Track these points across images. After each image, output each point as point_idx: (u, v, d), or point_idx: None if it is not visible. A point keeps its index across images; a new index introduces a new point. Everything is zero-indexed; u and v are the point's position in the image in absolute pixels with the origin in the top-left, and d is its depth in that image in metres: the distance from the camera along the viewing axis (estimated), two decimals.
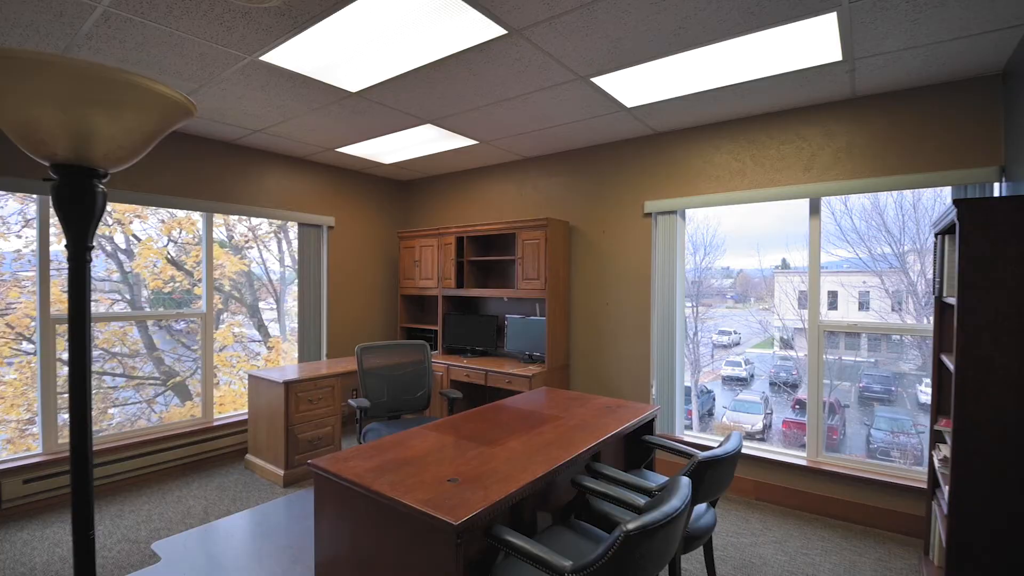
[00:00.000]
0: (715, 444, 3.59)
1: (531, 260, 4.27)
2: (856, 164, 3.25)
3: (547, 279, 4.16)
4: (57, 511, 3.36)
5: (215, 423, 4.34)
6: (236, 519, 3.27)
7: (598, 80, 2.94)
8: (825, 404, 6.71)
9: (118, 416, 4.71)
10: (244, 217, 5.60)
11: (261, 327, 6.25)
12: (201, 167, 4.21)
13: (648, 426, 2.92)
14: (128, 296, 5.12)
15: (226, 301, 5.98)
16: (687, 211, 3.94)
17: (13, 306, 4.09)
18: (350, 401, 3.17)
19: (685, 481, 1.76)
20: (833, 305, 6.81)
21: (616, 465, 2.89)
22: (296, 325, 5.01)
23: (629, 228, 4.13)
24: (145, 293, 5.14)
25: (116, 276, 5.15)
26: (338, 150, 4.54)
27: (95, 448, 3.66)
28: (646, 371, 4.03)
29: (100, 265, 5.11)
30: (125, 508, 3.41)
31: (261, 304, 6.16)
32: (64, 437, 3.69)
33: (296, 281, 5.02)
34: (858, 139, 3.25)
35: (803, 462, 3.48)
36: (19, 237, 4.41)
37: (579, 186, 4.44)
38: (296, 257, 5.05)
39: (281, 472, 3.77)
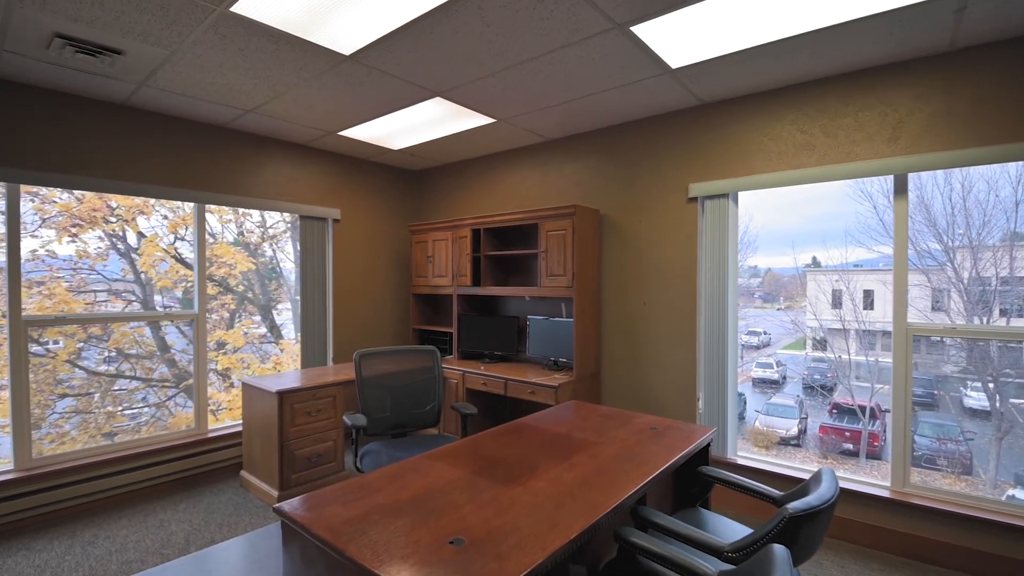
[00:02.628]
0: (785, 470, 3.07)
1: (556, 254, 3.75)
2: (957, 132, 2.64)
3: (575, 275, 3.64)
4: (26, 536, 2.98)
5: (210, 434, 3.94)
6: (219, 551, 2.84)
7: (639, 29, 2.41)
8: (865, 408, 6.32)
9: (130, 420, 4.50)
10: (251, 213, 5.30)
11: (273, 328, 5.93)
12: (190, 154, 3.81)
13: (703, 452, 2.38)
14: (140, 296, 4.88)
15: (240, 302, 5.68)
16: (740, 194, 3.36)
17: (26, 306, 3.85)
18: (345, 419, 2.71)
19: (782, 555, 1.24)
20: (870, 305, 6.41)
21: (664, 501, 2.35)
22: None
23: (670, 215, 3.58)
24: (158, 298, 4.89)
25: (130, 276, 4.90)
26: (341, 134, 4.09)
27: (77, 463, 3.29)
28: (691, 381, 3.47)
29: (115, 265, 4.85)
30: (100, 533, 3.02)
31: (281, 305, 5.87)
32: (40, 451, 3.33)
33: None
34: (959, 102, 2.64)
35: (885, 493, 2.89)
36: (35, 237, 4.20)
37: (611, 169, 3.90)
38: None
39: (275, 493, 3.34)
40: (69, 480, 3.25)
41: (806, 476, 3.07)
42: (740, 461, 3.29)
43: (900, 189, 2.89)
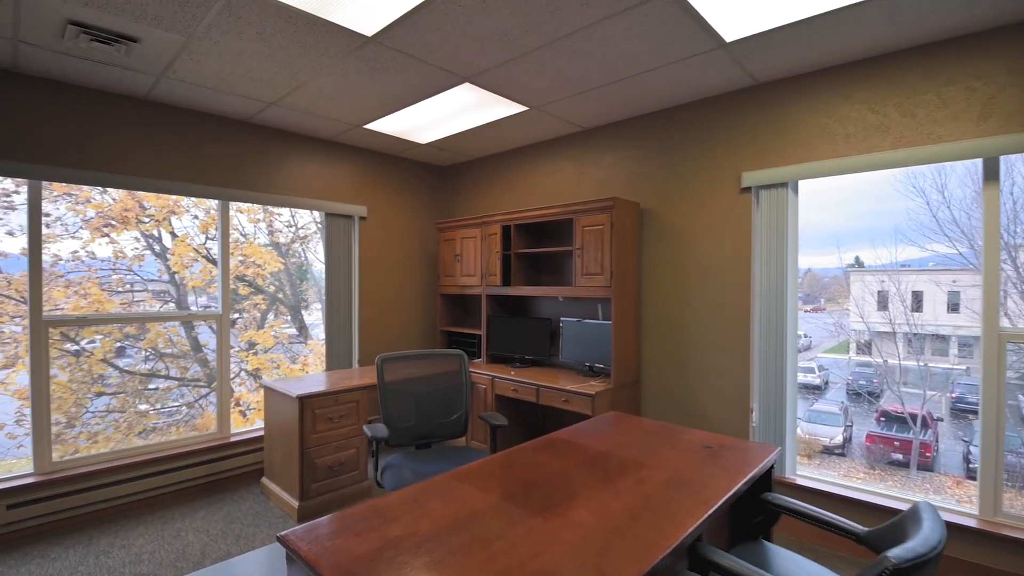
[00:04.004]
0: (853, 493, 2.69)
1: (593, 251, 3.48)
2: None
3: (613, 274, 3.36)
4: (43, 542, 2.90)
5: (232, 439, 3.82)
6: (233, 565, 2.69)
7: None
8: (916, 417, 5.86)
9: (163, 418, 4.52)
10: (279, 213, 5.21)
11: (303, 328, 5.86)
12: (214, 149, 3.70)
13: (765, 476, 2.08)
14: (175, 296, 4.89)
15: (271, 302, 5.63)
16: (800, 183, 3.02)
17: (61, 306, 3.97)
18: (365, 429, 2.50)
19: None
20: (918, 307, 6.04)
21: (719, 533, 2.06)
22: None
23: (720, 208, 3.26)
24: (192, 297, 4.88)
25: (166, 276, 4.91)
26: (367, 127, 3.92)
27: (97, 468, 3.20)
28: (743, 392, 3.15)
29: (151, 265, 4.86)
30: (116, 542, 2.91)
31: (312, 306, 5.82)
32: (59, 454, 3.26)
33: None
34: None
35: (971, 522, 2.52)
36: (75, 238, 4.22)
37: (653, 159, 3.60)
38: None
39: (295, 504, 3.17)
40: (88, 485, 3.16)
41: (879, 501, 2.72)
42: (800, 481, 2.94)
43: (990, 175, 2.52)
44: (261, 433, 3.81)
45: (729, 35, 2.46)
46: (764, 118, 3.07)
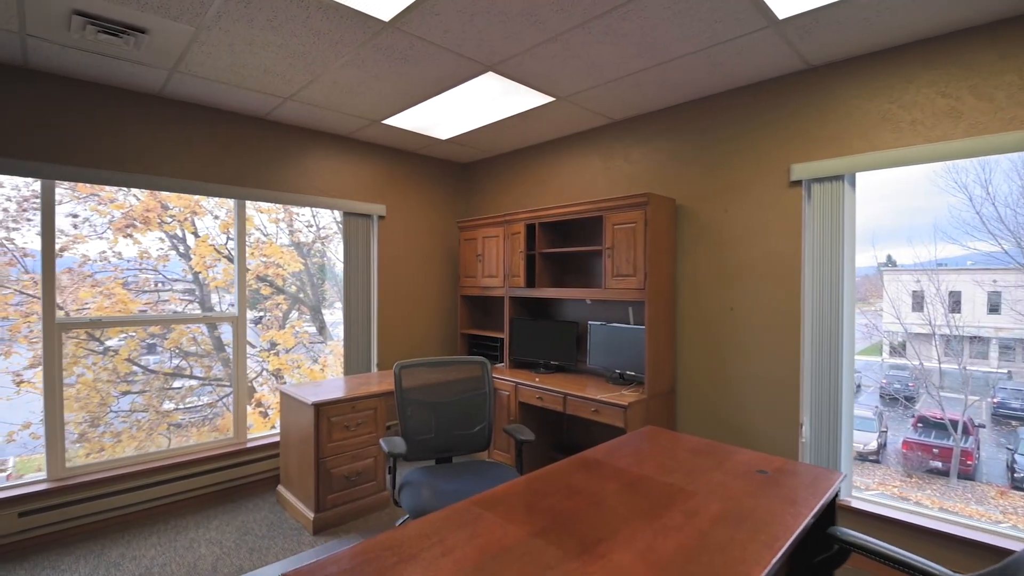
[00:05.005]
0: (921, 520, 2.34)
1: (624, 250, 3.25)
2: None
3: (647, 275, 3.13)
4: (54, 551, 2.81)
5: (248, 444, 3.71)
6: None
7: None
8: (957, 423, 5.52)
9: (186, 416, 4.48)
10: (299, 213, 5.12)
11: (323, 329, 5.78)
12: (229, 147, 3.59)
13: (829, 505, 1.83)
14: (199, 296, 4.86)
15: (293, 303, 5.57)
16: (858, 176, 2.75)
17: (88, 305, 3.96)
18: (381, 444, 2.33)
19: None
20: (956, 307, 5.82)
21: (778, 573, 1.82)
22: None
23: (765, 204, 3.00)
24: (215, 297, 4.85)
25: (190, 276, 4.89)
26: (385, 123, 3.77)
27: (111, 474, 3.11)
28: (792, 405, 2.89)
29: (175, 265, 4.84)
30: (128, 553, 2.80)
31: (335, 306, 5.77)
32: (74, 460, 3.18)
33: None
34: None
35: None
36: (102, 239, 4.21)
37: (690, 152, 3.36)
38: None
39: (311, 515, 3.03)
40: (102, 492, 3.07)
41: (959, 532, 2.42)
42: (857, 504, 2.67)
43: None
44: (278, 438, 3.69)
45: (783, 11, 2.21)
46: (816, 105, 2.80)
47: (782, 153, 2.92)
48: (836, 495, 1.86)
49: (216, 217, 4.91)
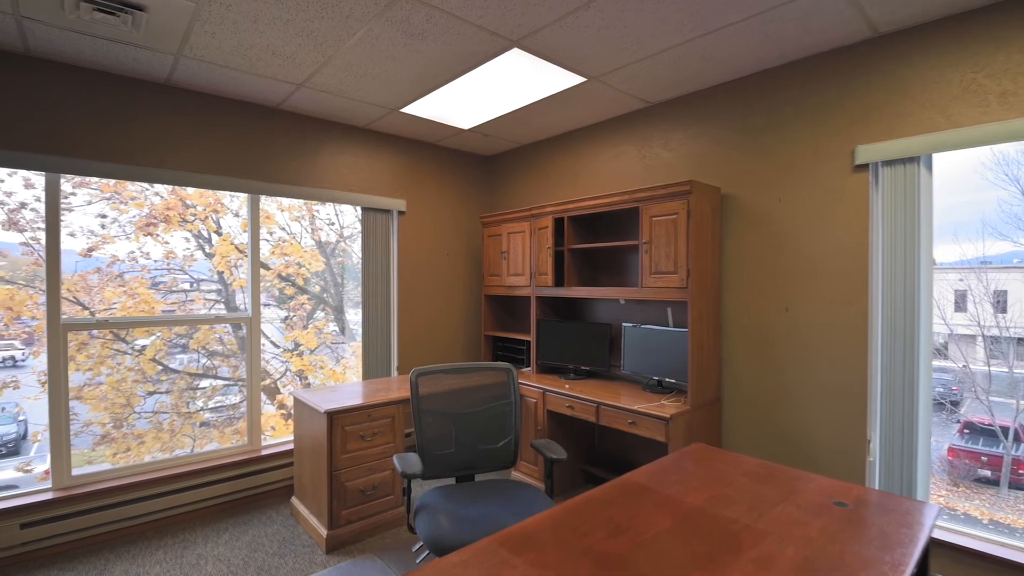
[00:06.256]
0: (1012, 554, 2.06)
1: (663, 245, 2.95)
2: None
3: (690, 272, 2.82)
4: (57, 565, 2.66)
5: (263, 452, 3.54)
6: None
7: None
8: (1008, 430, 5.05)
9: (211, 415, 4.36)
10: (319, 210, 4.97)
11: (345, 330, 5.64)
12: (242, 139, 3.42)
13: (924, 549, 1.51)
14: (224, 295, 4.78)
15: (316, 303, 5.45)
16: (935, 157, 2.39)
17: (115, 305, 3.87)
18: (395, 462, 2.09)
19: None
20: (1001, 307, 5.33)
21: None
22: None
23: (826, 191, 2.66)
24: (239, 296, 4.75)
25: (215, 276, 4.81)
26: (403, 111, 3.54)
27: (119, 483, 2.96)
28: (858, 418, 2.54)
29: (201, 265, 4.76)
30: (131, 569, 2.63)
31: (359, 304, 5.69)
32: (80, 468, 3.04)
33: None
34: None
35: None
36: (129, 239, 4.14)
37: (736, 137, 3.03)
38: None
39: (324, 532, 2.82)
40: (108, 502, 2.92)
41: None
42: (938, 535, 2.32)
43: None
44: (292, 446, 3.51)
45: None
46: (886, 78, 2.45)
47: (845, 134, 2.57)
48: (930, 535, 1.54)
49: (237, 215, 4.79)
